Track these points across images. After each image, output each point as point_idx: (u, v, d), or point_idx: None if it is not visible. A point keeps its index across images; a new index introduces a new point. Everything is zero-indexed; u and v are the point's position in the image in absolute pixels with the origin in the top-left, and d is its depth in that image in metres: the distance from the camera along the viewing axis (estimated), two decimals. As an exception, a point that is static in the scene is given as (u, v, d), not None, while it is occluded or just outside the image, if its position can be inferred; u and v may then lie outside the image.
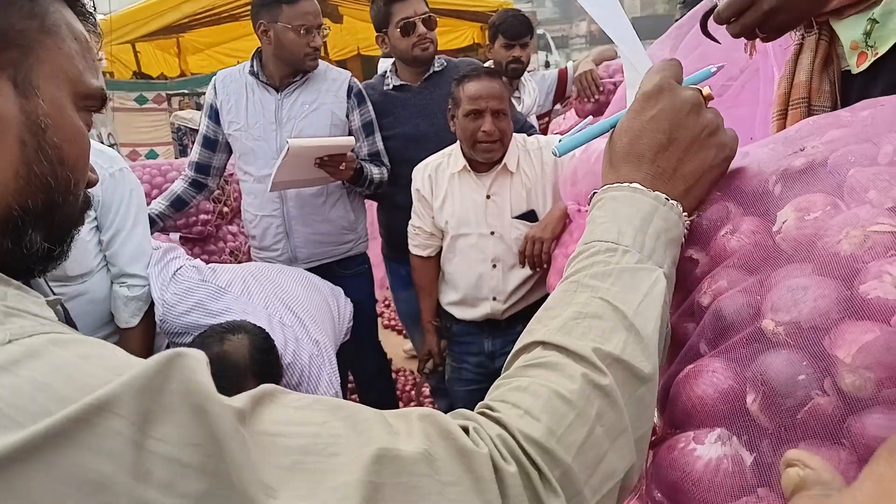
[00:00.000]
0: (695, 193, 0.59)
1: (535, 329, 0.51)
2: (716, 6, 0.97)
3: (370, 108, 2.41)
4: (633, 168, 0.59)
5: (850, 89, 1.38)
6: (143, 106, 5.91)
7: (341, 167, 2.13)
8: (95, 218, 1.79)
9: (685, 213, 0.58)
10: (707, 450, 0.46)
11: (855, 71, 1.22)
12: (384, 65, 2.63)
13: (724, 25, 0.97)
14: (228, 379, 1.48)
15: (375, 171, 2.35)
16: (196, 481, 0.32)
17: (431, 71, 2.47)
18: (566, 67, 3.19)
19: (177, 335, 1.83)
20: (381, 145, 2.42)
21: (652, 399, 0.47)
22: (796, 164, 0.57)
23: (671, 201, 0.57)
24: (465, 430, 0.42)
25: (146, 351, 1.94)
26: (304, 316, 1.93)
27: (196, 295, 1.80)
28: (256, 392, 0.38)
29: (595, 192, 0.61)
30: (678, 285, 0.60)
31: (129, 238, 1.86)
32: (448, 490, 0.38)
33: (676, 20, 2.09)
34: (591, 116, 0.74)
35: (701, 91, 0.61)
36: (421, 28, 2.37)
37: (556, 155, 0.71)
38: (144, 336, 1.92)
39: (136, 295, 1.86)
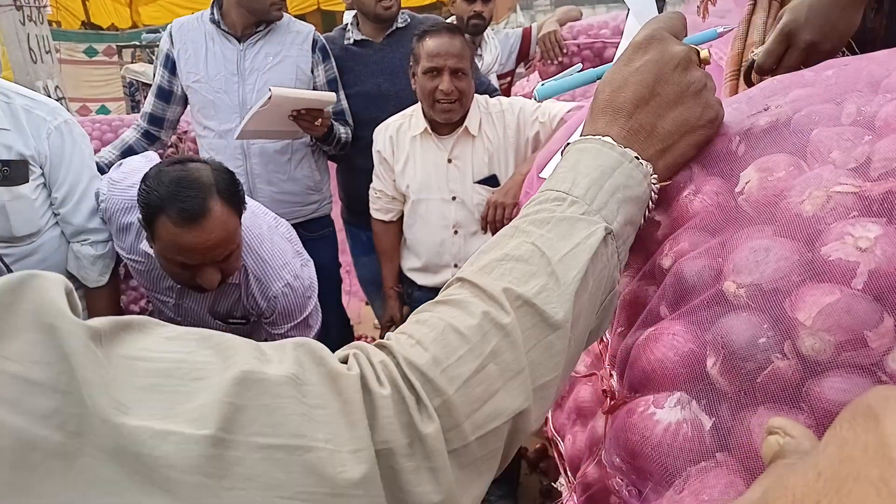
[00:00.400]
0: (673, 154, 0.57)
1: (464, 268, 0.51)
2: (754, 62, 0.96)
3: (334, 64, 2.35)
4: (610, 121, 0.56)
5: None
6: (93, 58, 5.67)
7: (316, 122, 2.07)
8: (42, 174, 1.71)
9: (655, 176, 0.56)
10: (666, 414, 0.45)
11: None
12: (349, 17, 2.54)
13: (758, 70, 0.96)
14: (193, 199, 1.37)
15: (342, 131, 2.30)
16: (45, 399, 0.31)
17: (395, 27, 2.40)
18: (530, 27, 3.14)
19: (122, 212, 1.73)
20: (345, 104, 2.37)
21: (562, 347, 0.46)
22: (760, 123, 0.56)
23: (641, 161, 0.55)
24: (347, 358, 0.42)
25: (115, 307, 1.89)
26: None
27: (145, 170, 1.69)
28: (125, 319, 0.37)
29: (568, 143, 0.59)
30: (639, 248, 0.59)
31: (86, 193, 1.78)
32: (314, 412, 0.36)
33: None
34: (579, 64, 0.71)
35: (698, 51, 0.58)
36: None
37: (536, 99, 0.68)
38: (113, 292, 1.88)
39: (102, 253, 1.81)
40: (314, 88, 2.30)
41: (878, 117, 0.50)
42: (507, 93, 3.10)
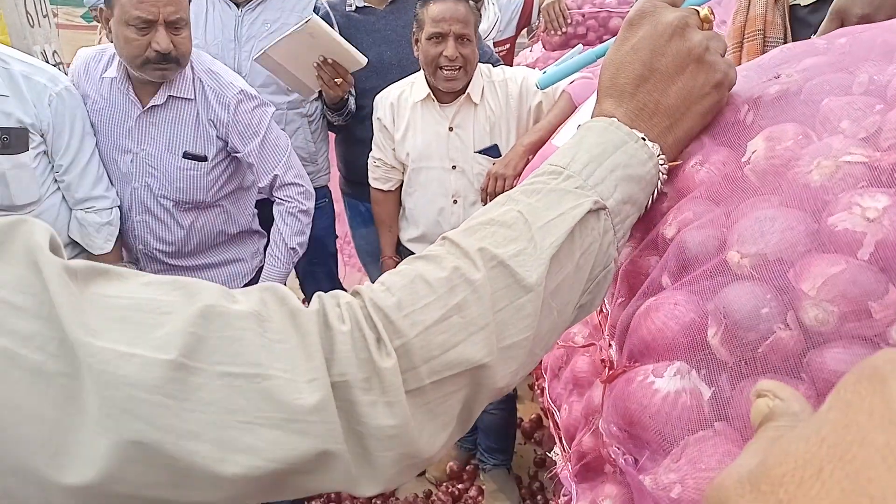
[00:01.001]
0: (682, 127, 0.56)
1: (454, 230, 0.51)
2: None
3: (338, 33, 2.29)
4: (615, 103, 0.56)
5: (796, 23, 1.43)
6: (91, 23, 5.59)
7: (337, 81, 1.98)
8: (42, 142, 1.69)
9: (663, 157, 0.55)
10: (665, 383, 0.45)
11: (805, 3, 1.24)
12: None
13: None
14: None
15: (351, 101, 2.24)
16: (26, 322, 0.34)
17: None
18: None
19: (92, 60, 1.86)
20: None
21: (533, 310, 0.46)
22: (770, 91, 0.55)
23: (647, 142, 0.54)
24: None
25: None
26: None
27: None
28: (105, 266, 0.39)
29: (579, 125, 0.58)
30: (642, 218, 0.58)
31: (91, 160, 1.78)
32: (274, 346, 0.38)
33: None
34: (580, 45, 0.70)
35: (697, 11, 0.56)
36: None
37: (538, 87, 0.67)
38: (117, 259, 1.89)
39: (108, 220, 1.81)
40: None
41: (891, 86, 0.49)
42: (506, 59, 3.06)
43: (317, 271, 2.51)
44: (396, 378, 0.41)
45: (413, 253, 2.14)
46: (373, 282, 0.47)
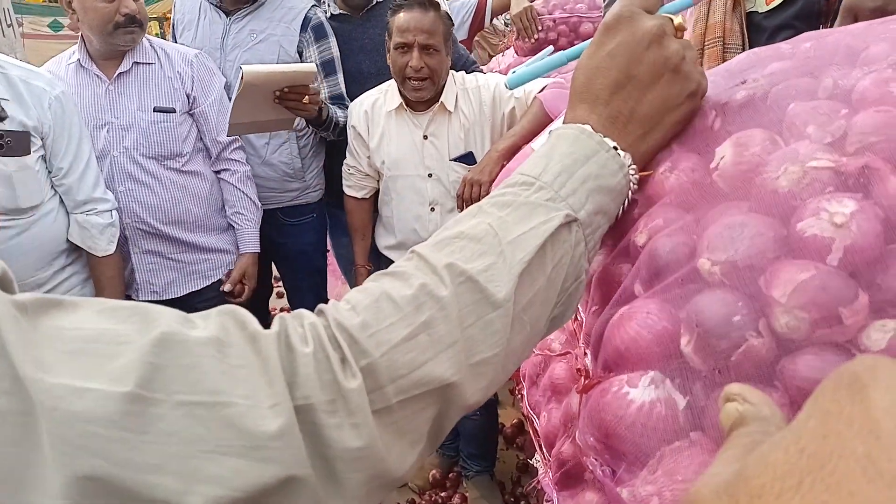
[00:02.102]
0: (655, 136, 0.56)
1: (424, 243, 0.50)
2: None
3: (332, 43, 2.21)
4: (589, 109, 0.55)
5: (752, 29, 1.48)
6: (58, 33, 5.50)
7: (304, 101, 1.94)
8: (42, 146, 1.68)
9: (633, 167, 0.54)
10: (640, 393, 0.44)
11: (763, 10, 1.27)
12: None
13: None
14: None
15: (340, 114, 2.18)
16: None
17: (374, 2, 2.30)
18: None
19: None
20: (343, 87, 2.25)
21: (502, 326, 0.46)
22: (737, 97, 0.55)
23: (618, 151, 0.53)
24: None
25: (121, 275, 1.94)
26: None
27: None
28: (57, 298, 0.38)
29: (550, 130, 0.58)
30: (614, 225, 0.58)
31: (90, 163, 1.79)
32: (235, 371, 0.37)
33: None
34: (550, 47, 0.70)
35: (672, 19, 0.56)
36: None
37: (508, 87, 0.67)
38: (119, 260, 1.91)
39: (110, 222, 1.83)
40: None
41: (855, 91, 0.49)
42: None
43: (302, 287, 2.48)
44: (362, 399, 0.40)
45: (391, 260, 2.15)
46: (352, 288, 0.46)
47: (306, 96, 1.93)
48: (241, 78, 1.81)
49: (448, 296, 0.44)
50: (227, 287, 2.13)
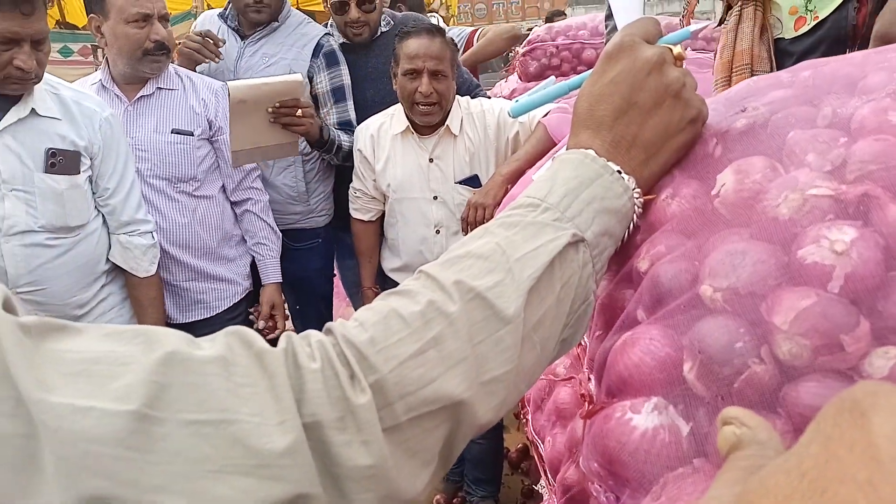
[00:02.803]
0: (657, 161, 0.56)
1: (430, 263, 0.51)
2: None
3: (344, 71, 2.23)
4: (592, 135, 0.56)
5: (779, 55, 1.48)
6: (69, 58, 5.57)
7: (298, 114, 1.94)
8: (90, 166, 1.71)
9: (637, 190, 0.55)
10: (643, 419, 0.45)
11: (790, 35, 1.27)
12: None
13: None
14: None
15: (346, 139, 2.18)
16: None
17: (379, 32, 2.33)
18: (476, 29, 3.13)
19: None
20: (353, 114, 2.25)
21: (512, 343, 0.46)
22: (737, 125, 0.56)
23: (622, 175, 0.54)
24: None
25: (162, 295, 1.94)
26: None
27: None
28: (62, 322, 0.38)
29: (554, 157, 0.58)
30: (617, 251, 0.59)
31: (134, 184, 1.82)
32: (241, 390, 0.37)
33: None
34: (552, 77, 0.71)
35: (672, 49, 0.57)
36: (353, 13, 2.21)
37: (511, 115, 0.68)
38: (160, 280, 1.92)
39: (153, 243, 1.85)
40: (313, 97, 2.20)
41: (854, 120, 0.50)
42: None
43: (307, 312, 2.47)
44: (372, 415, 0.40)
45: (396, 283, 2.14)
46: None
47: (299, 109, 1.93)
48: (228, 94, 1.83)
49: (457, 312, 0.44)
50: (260, 325, 2.13)
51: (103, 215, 1.78)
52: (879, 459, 0.19)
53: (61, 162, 1.61)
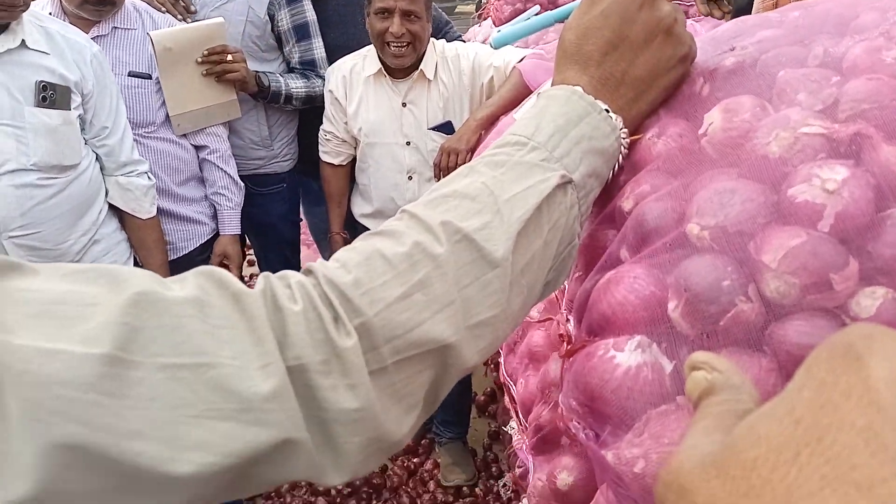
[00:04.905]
0: (645, 100, 0.55)
1: (412, 203, 0.49)
2: None
3: (307, 7, 2.13)
4: (580, 71, 0.54)
5: None
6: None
7: (228, 59, 1.88)
8: (81, 104, 1.61)
9: (625, 130, 0.53)
10: (627, 357, 0.44)
11: None
12: None
13: None
14: None
15: (300, 84, 2.11)
16: None
17: None
18: None
19: None
20: (319, 53, 2.17)
21: (500, 286, 0.45)
22: (725, 64, 0.55)
23: (610, 114, 0.52)
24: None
25: (163, 237, 1.90)
26: None
27: None
28: (16, 260, 0.35)
29: (538, 92, 0.56)
30: (600, 192, 0.58)
31: (127, 124, 1.74)
32: (219, 332, 0.36)
33: None
34: (536, 6, 0.69)
35: None
36: None
37: (493, 46, 0.65)
38: (159, 223, 1.87)
39: (151, 184, 1.79)
40: (276, 35, 2.11)
41: (846, 59, 0.49)
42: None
43: (272, 258, 2.44)
44: (358, 358, 0.39)
45: (367, 229, 2.12)
46: (326, 259, 0.44)
47: (228, 55, 1.88)
48: (152, 43, 1.77)
49: (444, 254, 0.43)
50: None
51: (97, 155, 1.70)
52: (880, 405, 0.19)
53: (52, 96, 1.52)
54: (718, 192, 0.45)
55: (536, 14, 0.65)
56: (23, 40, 1.49)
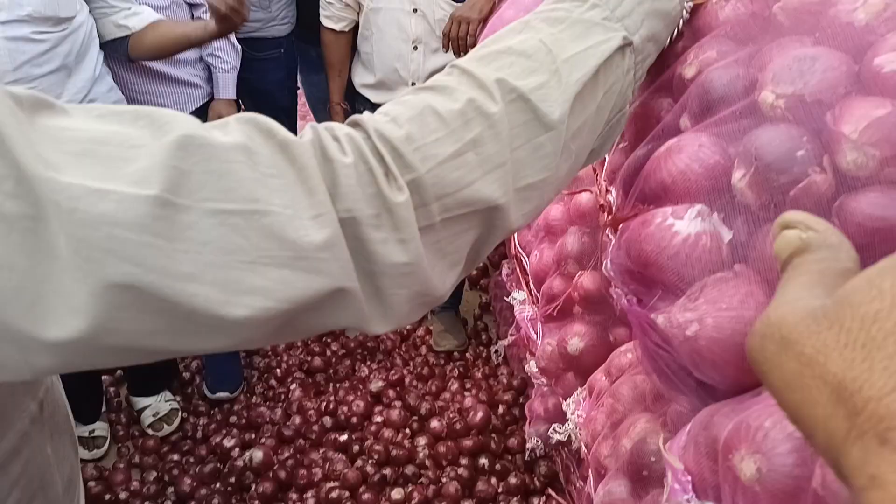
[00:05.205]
0: None
1: (463, 58, 0.46)
2: None
3: None
4: None
5: None
6: None
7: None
8: None
9: None
10: (686, 225, 0.44)
11: None
12: None
13: None
14: None
15: None
16: None
17: None
18: None
19: None
20: None
21: (552, 150, 0.44)
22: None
23: None
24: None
25: None
26: None
27: None
28: (48, 99, 0.33)
29: None
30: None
31: None
32: (269, 181, 0.35)
33: None
34: None
35: None
36: None
37: None
38: None
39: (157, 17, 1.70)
40: None
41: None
42: None
43: None
44: (409, 214, 0.38)
45: (367, 99, 2.07)
46: None
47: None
48: None
49: (498, 113, 0.41)
50: None
51: (89, 8, 1.60)
52: None
53: None
54: (798, 59, 0.43)
55: None
56: None
